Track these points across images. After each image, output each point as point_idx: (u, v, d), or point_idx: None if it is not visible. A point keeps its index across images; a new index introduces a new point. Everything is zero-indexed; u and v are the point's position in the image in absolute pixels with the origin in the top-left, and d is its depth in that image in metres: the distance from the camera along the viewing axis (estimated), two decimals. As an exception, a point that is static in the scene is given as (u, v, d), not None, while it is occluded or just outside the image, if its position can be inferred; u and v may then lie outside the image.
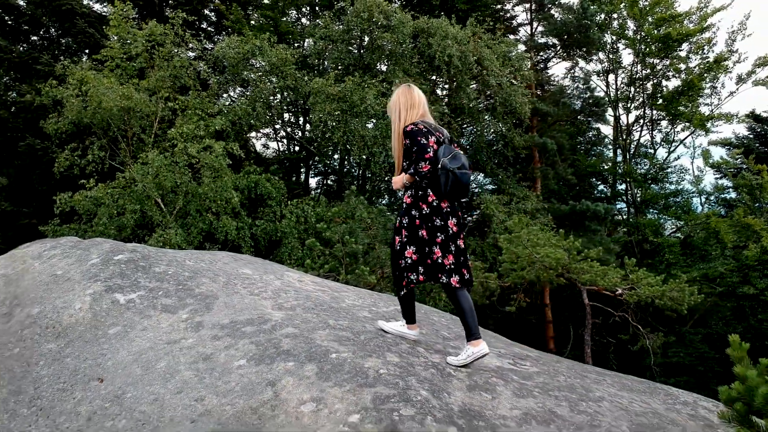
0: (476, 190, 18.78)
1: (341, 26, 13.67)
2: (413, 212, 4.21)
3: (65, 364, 4.18)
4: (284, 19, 18.75)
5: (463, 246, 4.25)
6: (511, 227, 12.87)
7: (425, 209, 4.17)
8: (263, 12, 16.66)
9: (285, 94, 14.55)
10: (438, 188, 4.11)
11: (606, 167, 24.53)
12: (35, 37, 18.45)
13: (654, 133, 25.15)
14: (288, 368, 3.79)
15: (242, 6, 17.24)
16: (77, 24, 16.25)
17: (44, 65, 15.38)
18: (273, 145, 21.32)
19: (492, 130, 16.12)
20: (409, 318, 4.52)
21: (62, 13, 16.59)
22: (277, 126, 17.59)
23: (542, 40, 22.35)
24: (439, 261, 4.12)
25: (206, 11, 18.72)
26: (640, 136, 25.22)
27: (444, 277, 4.10)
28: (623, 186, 24.67)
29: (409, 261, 4.21)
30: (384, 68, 14.10)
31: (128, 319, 4.56)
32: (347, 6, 14.19)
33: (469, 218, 18.01)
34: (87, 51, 16.02)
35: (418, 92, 4.40)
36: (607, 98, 23.04)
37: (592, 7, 19.43)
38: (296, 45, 16.95)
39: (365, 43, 14.29)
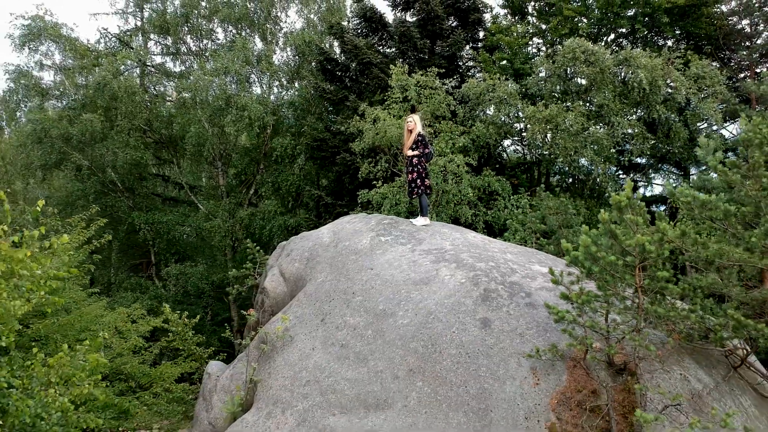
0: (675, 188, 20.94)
1: (553, 64, 17.70)
2: (419, 166, 10.53)
3: (358, 263, 9.37)
4: (523, 50, 23.21)
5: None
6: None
7: (425, 166, 10.60)
8: (501, 55, 21.31)
9: (506, 118, 19.05)
10: (428, 159, 10.65)
11: None
12: (346, 79, 25.34)
13: None
14: (444, 265, 8.50)
15: (487, 50, 22.21)
16: (372, 71, 22.46)
17: (351, 102, 21.68)
18: (515, 150, 25.81)
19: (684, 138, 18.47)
20: (423, 213, 10.59)
21: (363, 63, 22.99)
22: (512, 139, 22.30)
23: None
24: (428, 184, 10.59)
25: (463, 52, 24.02)
26: None
27: (430, 190, 10.68)
28: None
29: (416, 181, 10.57)
30: (586, 93, 17.84)
31: (385, 248, 9.64)
32: (558, 47, 18.30)
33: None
34: (380, 89, 21.99)
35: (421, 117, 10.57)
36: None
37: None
38: (532, 75, 21.09)
39: (570, 75, 18.23)
